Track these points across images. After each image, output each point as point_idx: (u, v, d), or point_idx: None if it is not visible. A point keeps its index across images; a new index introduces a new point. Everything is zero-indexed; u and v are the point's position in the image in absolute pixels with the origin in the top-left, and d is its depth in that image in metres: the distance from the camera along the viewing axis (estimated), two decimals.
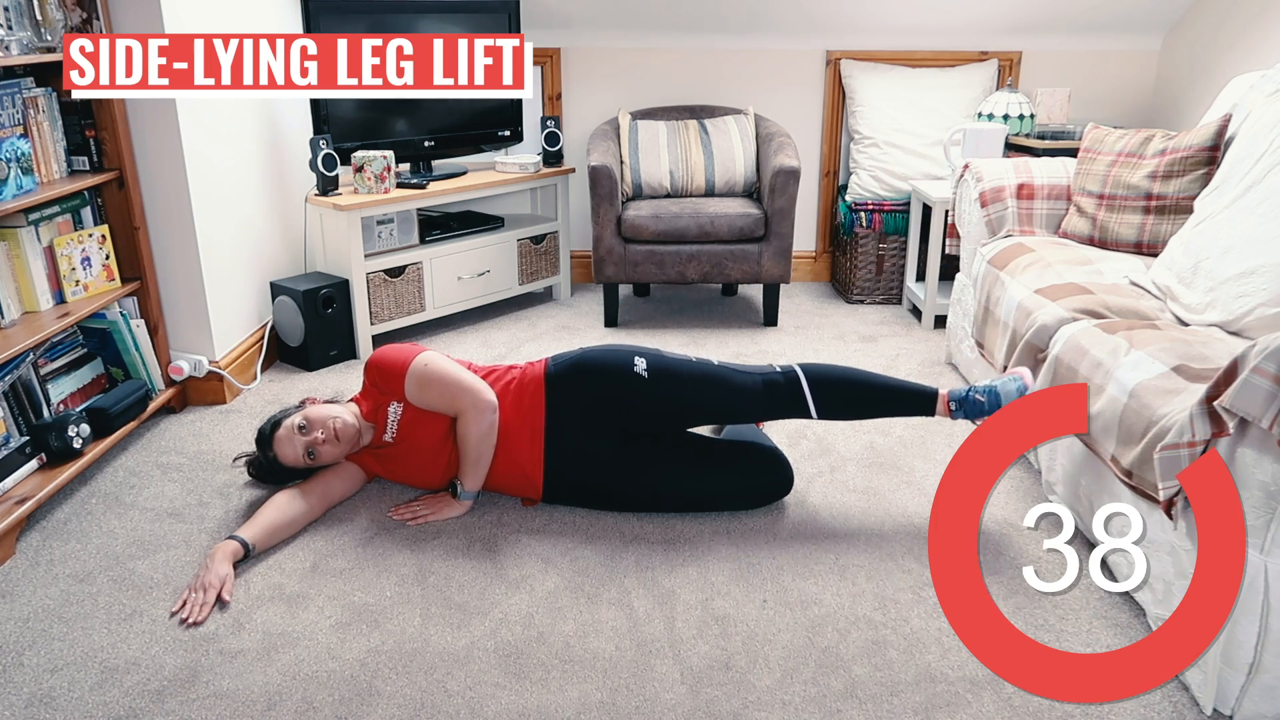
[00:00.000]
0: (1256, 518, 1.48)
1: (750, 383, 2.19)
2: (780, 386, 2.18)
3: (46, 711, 1.61)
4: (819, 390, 2.17)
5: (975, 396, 2.17)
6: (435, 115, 3.56)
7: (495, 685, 1.67)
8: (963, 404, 2.17)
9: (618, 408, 2.18)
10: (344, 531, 2.16)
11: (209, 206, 2.77)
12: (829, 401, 2.18)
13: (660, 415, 2.21)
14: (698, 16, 3.86)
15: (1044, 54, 3.99)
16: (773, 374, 2.21)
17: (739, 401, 2.19)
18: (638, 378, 2.17)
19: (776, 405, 2.19)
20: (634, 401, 2.18)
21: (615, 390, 2.18)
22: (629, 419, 2.19)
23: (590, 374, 2.20)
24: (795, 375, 2.19)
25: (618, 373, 2.18)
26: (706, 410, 2.23)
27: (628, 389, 2.17)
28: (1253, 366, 1.42)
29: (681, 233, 3.45)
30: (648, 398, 2.17)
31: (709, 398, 2.19)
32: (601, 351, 2.25)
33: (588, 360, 2.23)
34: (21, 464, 2.21)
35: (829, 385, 2.19)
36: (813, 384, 2.18)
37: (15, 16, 2.26)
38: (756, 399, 2.18)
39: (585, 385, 2.19)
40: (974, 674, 1.69)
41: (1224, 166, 2.35)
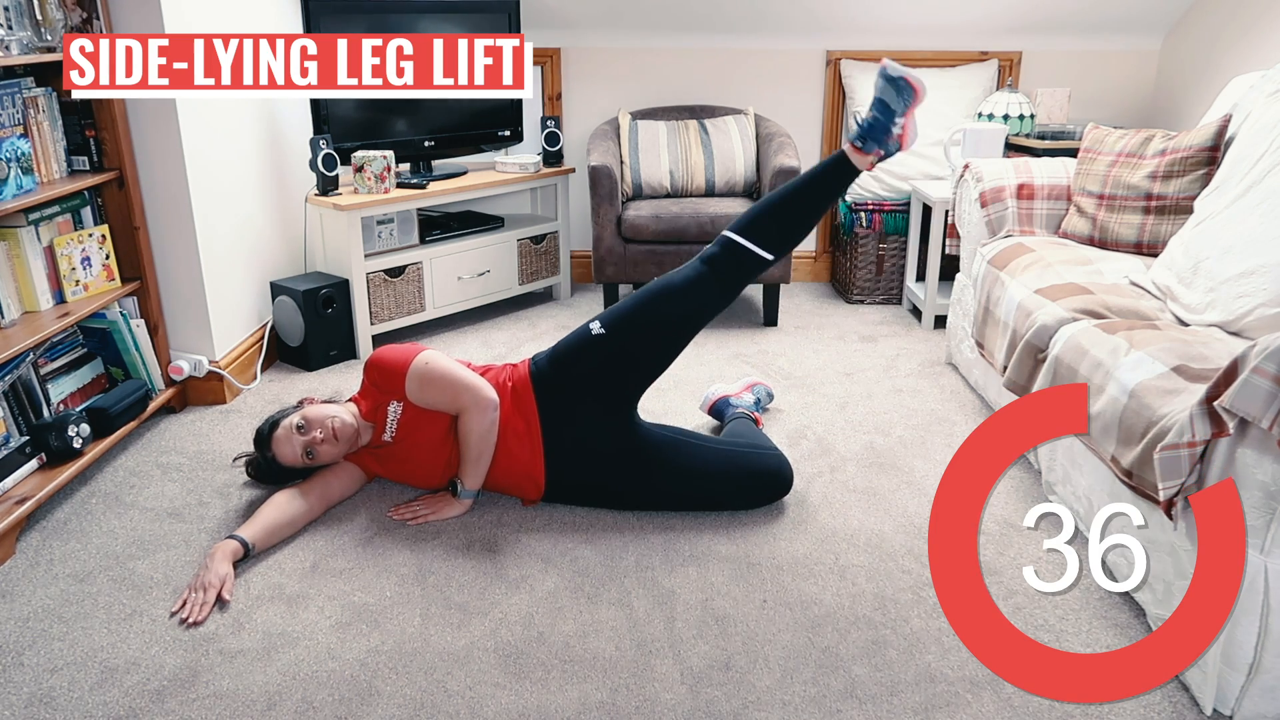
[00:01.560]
0: (1256, 518, 1.48)
1: (693, 273, 2.18)
2: (719, 256, 2.17)
3: (46, 711, 1.61)
4: (753, 232, 2.16)
5: (866, 117, 2.11)
6: (435, 115, 3.56)
7: (495, 685, 1.67)
8: (864, 135, 2.12)
9: (601, 376, 2.19)
10: (344, 531, 2.16)
11: (209, 206, 2.77)
12: (768, 235, 2.15)
13: (642, 357, 2.21)
14: (698, 16, 3.86)
15: (1044, 54, 4.00)
16: (707, 251, 2.20)
17: (694, 296, 2.17)
18: (596, 339, 2.18)
19: (728, 275, 2.17)
20: (611, 361, 2.18)
21: (586, 362, 2.19)
22: (618, 380, 2.20)
23: (563, 360, 2.22)
24: (725, 238, 2.18)
25: (580, 345, 2.20)
26: (676, 322, 2.20)
27: (595, 354, 2.18)
28: (1253, 367, 1.42)
29: (681, 233, 3.45)
30: (616, 351, 2.18)
31: (669, 311, 2.18)
32: (565, 337, 2.27)
33: (558, 349, 2.26)
34: (21, 464, 2.21)
35: (758, 222, 2.17)
36: (745, 232, 2.16)
37: (15, 16, 2.26)
38: (707, 282, 2.17)
39: (565, 372, 2.21)
40: (974, 674, 1.69)
41: (1224, 167, 2.35)
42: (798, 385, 3.00)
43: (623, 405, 2.22)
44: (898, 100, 2.09)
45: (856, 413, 2.79)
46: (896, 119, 2.11)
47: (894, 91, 2.09)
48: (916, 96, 2.10)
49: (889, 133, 2.11)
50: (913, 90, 2.09)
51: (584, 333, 2.21)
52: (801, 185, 2.19)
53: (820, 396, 2.91)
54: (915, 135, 2.16)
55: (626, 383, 2.21)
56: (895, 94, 2.09)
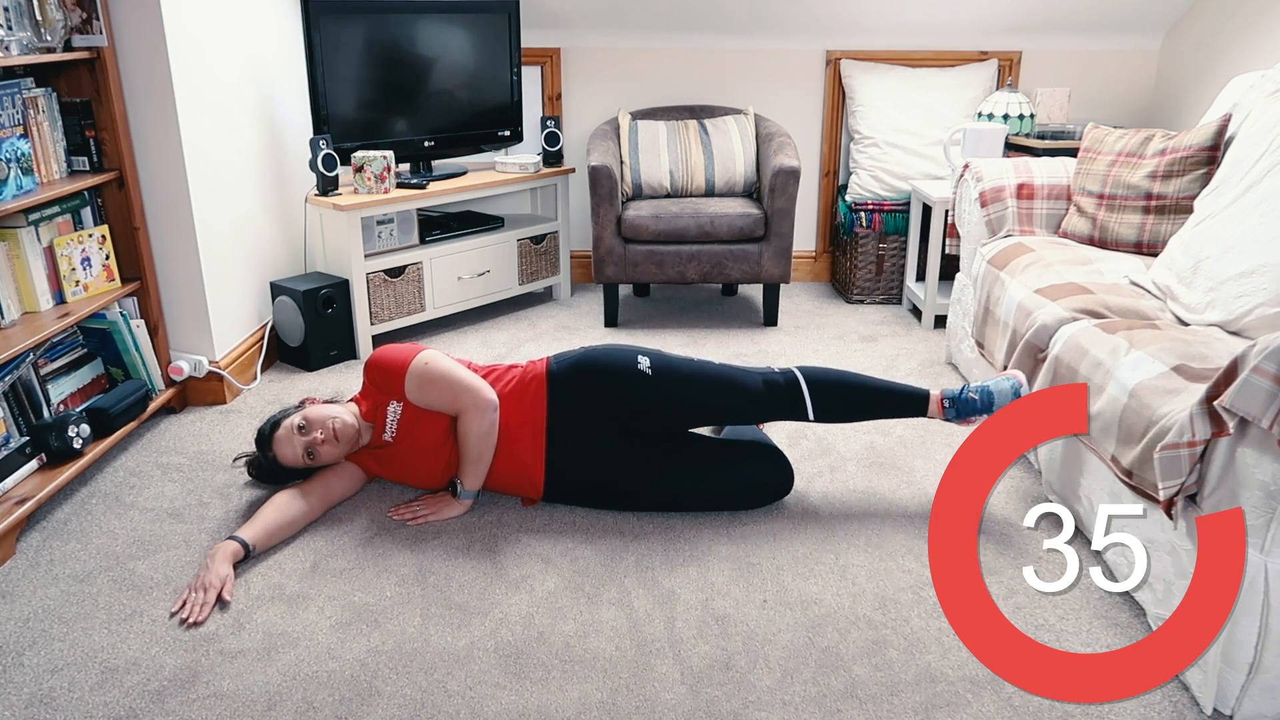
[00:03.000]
0: (1256, 518, 1.48)
1: (751, 383, 2.20)
2: (780, 388, 2.20)
3: (46, 711, 1.61)
4: (817, 393, 2.20)
5: (969, 395, 2.20)
6: (435, 115, 3.56)
7: (495, 685, 1.67)
8: (955, 403, 2.21)
9: (622, 406, 2.18)
10: (344, 531, 2.16)
11: (209, 206, 2.77)
12: (826, 404, 2.21)
13: (663, 415, 2.21)
14: (698, 16, 3.86)
15: (1044, 54, 4.00)
16: (772, 375, 2.23)
17: (740, 401, 2.20)
18: (642, 376, 2.17)
19: (776, 406, 2.21)
20: (638, 400, 2.18)
21: (620, 388, 2.18)
22: (632, 418, 2.20)
23: (595, 373, 2.21)
24: (795, 377, 2.21)
25: (622, 371, 2.19)
26: (709, 409, 2.23)
27: (632, 388, 2.17)
28: (1253, 366, 1.42)
29: (681, 233, 3.45)
30: (651, 397, 2.18)
31: (712, 397, 2.20)
32: (605, 350, 2.25)
33: (592, 359, 2.23)
34: (21, 464, 2.21)
35: (826, 388, 2.22)
36: (811, 387, 2.21)
37: (15, 16, 2.26)
38: (757, 399, 2.19)
39: (589, 384, 2.20)
40: (974, 674, 1.69)
41: (1224, 166, 2.35)
42: None
43: (631, 433, 2.21)
44: (1005, 403, 2.19)
45: None
46: (988, 415, 2.20)
47: (1009, 398, 2.19)
48: None
49: (973, 417, 2.21)
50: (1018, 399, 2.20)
51: (628, 360, 2.20)
52: (880, 390, 2.26)
53: None
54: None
55: (639, 421, 2.21)
56: (1009, 399, 2.19)
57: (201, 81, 2.71)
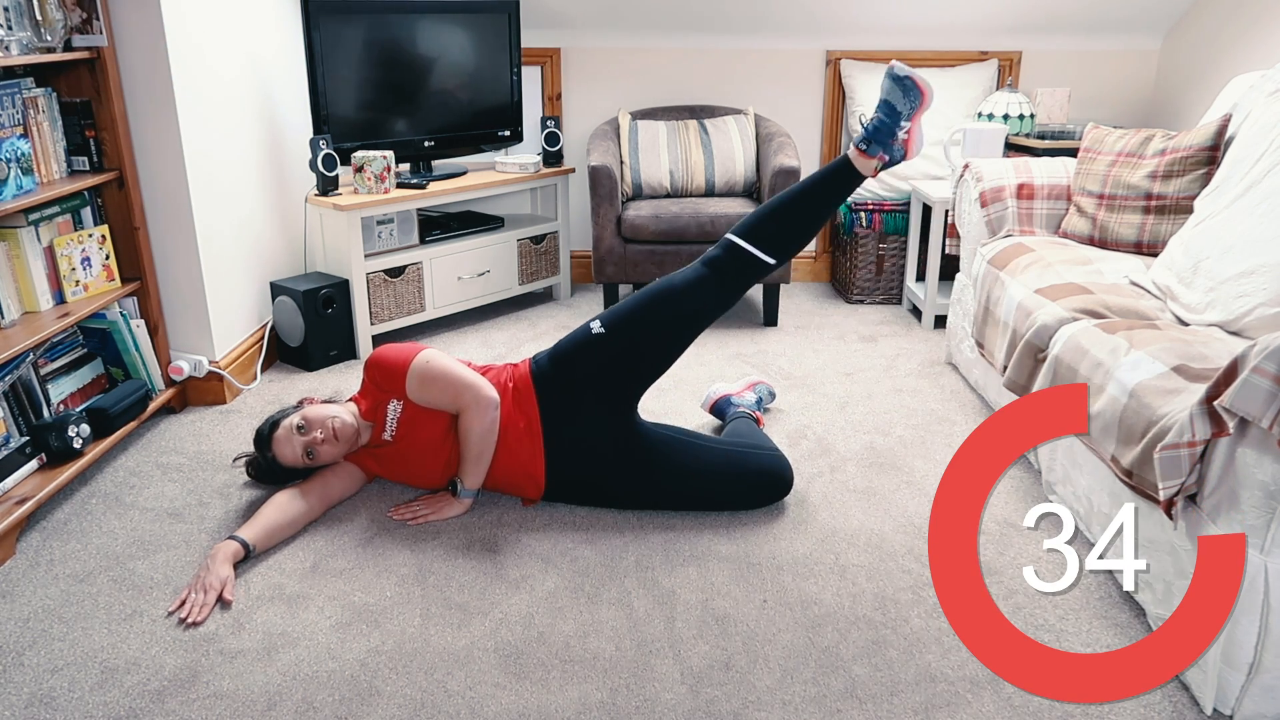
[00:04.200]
0: (1256, 518, 1.48)
1: (695, 274, 2.17)
2: (721, 259, 2.16)
3: (46, 711, 1.61)
4: (756, 236, 2.14)
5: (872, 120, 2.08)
6: (435, 115, 3.56)
7: (495, 685, 1.67)
8: (869, 138, 2.09)
9: (602, 376, 2.19)
10: (344, 531, 2.16)
11: (209, 206, 2.77)
12: (771, 240, 2.14)
13: (642, 357, 2.21)
14: (698, 16, 3.86)
15: (1044, 54, 4.00)
16: (709, 254, 2.19)
17: (697, 297, 2.16)
18: (596, 339, 2.18)
19: (730, 278, 2.17)
20: (610, 361, 2.18)
21: (589, 361, 2.19)
22: (619, 381, 2.20)
23: (564, 359, 2.23)
24: (728, 240, 2.17)
25: (581, 344, 2.20)
26: (675, 324, 2.19)
27: (595, 353, 2.18)
28: (1253, 366, 1.42)
29: (681, 233, 3.45)
30: (619, 350, 2.18)
31: (670, 312, 2.17)
32: (567, 336, 2.27)
33: (559, 348, 2.26)
34: (21, 464, 2.21)
35: (760, 226, 2.15)
36: (747, 235, 2.15)
37: (15, 16, 2.26)
38: (709, 285, 2.16)
39: (565, 371, 2.21)
40: (974, 674, 1.69)
41: (1224, 166, 2.35)
42: (798, 385, 3.00)
43: (623, 405, 2.22)
44: (904, 102, 2.06)
45: (856, 413, 2.79)
46: (902, 122, 2.08)
47: (900, 93, 2.06)
48: (924, 99, 2.07)
49: (894, 136, 2.08)
50: (920, 93, 2.06)
51: (584, 332, 2.21)
52: (804, 189, 2.18)
53: (820, 396, 2.91)
54: (921, 144, 2.12)
55: (626, 382, 2.22)
56: (902, 95, 2.06)
57: (201, 81, 2.71)
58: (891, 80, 2.07)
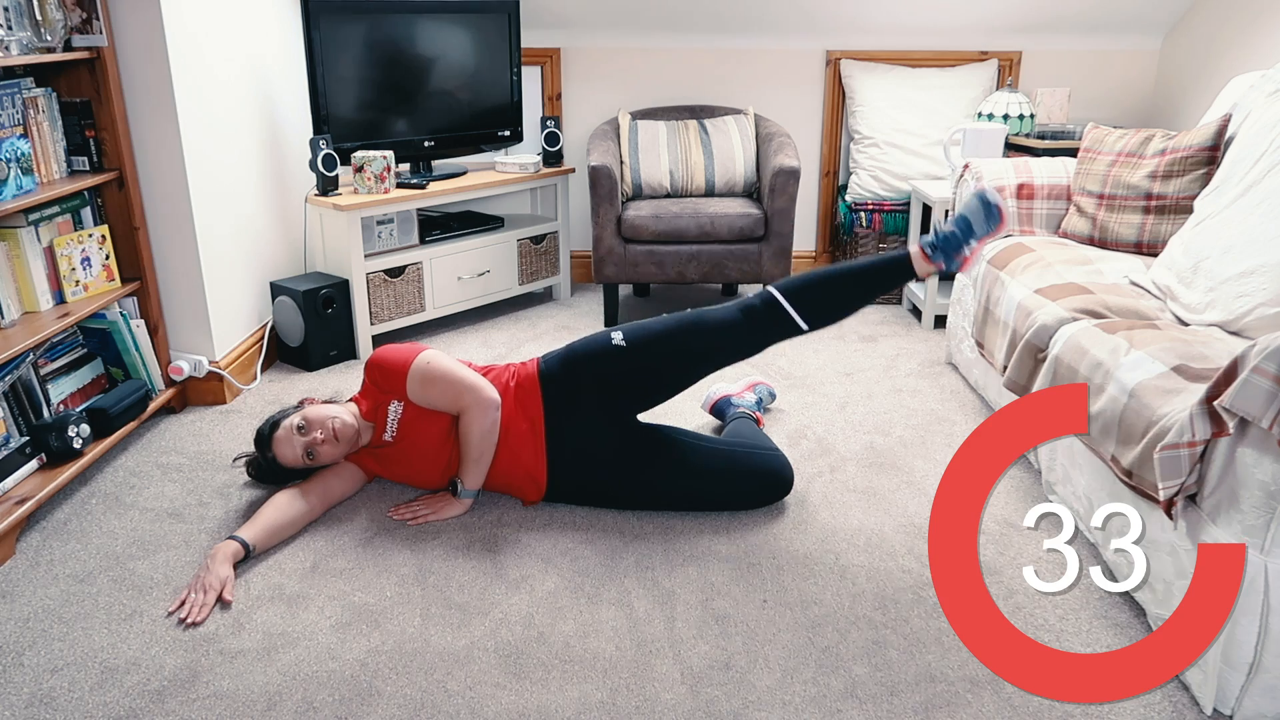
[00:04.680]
0: (1256, 518, 1.48)
1: (728, 316, 2.16)
2: (758, 310, 2.15)
3: (46, 711, 1.61)
4: (798, 299, 2.12)
5: (946, 231, 2.10)
6: (435, 115, 3.56)
7: (495, 685, 1.67)
8: (937, 245, 2.10)
9: (611, 388, 2.18)
10: (344, 531, 2.16)
11: (209, 206, 2.77)
12: (812, 307, 2.13)
13: (653, 380, 2.21)
14: (698, 16, 3.86)
15: (1044, 54, 4.00)
16: (747, 301, 2.18)
17: (723, 338, 2.16)
18: (617, 350, 2.17)
19: (760, 330, 2.16)
20: (623, 375, 2.18)
21: (602, 371, 2.18)
22: (627, 394, 2.20)
23: (577, 363, 2.22)
24: (770, 295, 2.15)
25: (599, 352, 2.19)
26: (694, 359, 2.20)
27: (613, 365, 2.18)
28: (1253, 366, 1.42)
29: (681, 233, 3.45)
30: (634, 367, 2.17)
31: (693, 345, 2.17)
32: (583, 340, 2.26)
33: (572, 351, 2.25)
34: (21, 464, 2.21)
35: (807, 291, 2.14)
36: (789, 295, 2.13)
37: (15, 16, 2.26)
38: (738, 330, 2.15)
39: (575, 375, 2.20)
40: (974, 674, 1.69)
41: (1224, 166, 2.35)
42: (798, 385, 3.00)
43: (626, 415, 2.22)
44: (983, 224, 2.10)
45: (856, 413, 2.79)
46: (973, 241, 2.11)
47: (983, 215, 2.10)
48: (1001, 226, 2.12)
49: (960, 250, 2.10)
50: (1000, 220, 2.10)
51: (604, 340, 2.20)
52: (857, 270, 2.19)
53: (820, 396, 2.91)
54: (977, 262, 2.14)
55: (634, 398, 2.22)
56: (984, 218, 2.10)
57: (201, 81, 2.71)
58: (979, 201, 2.11)
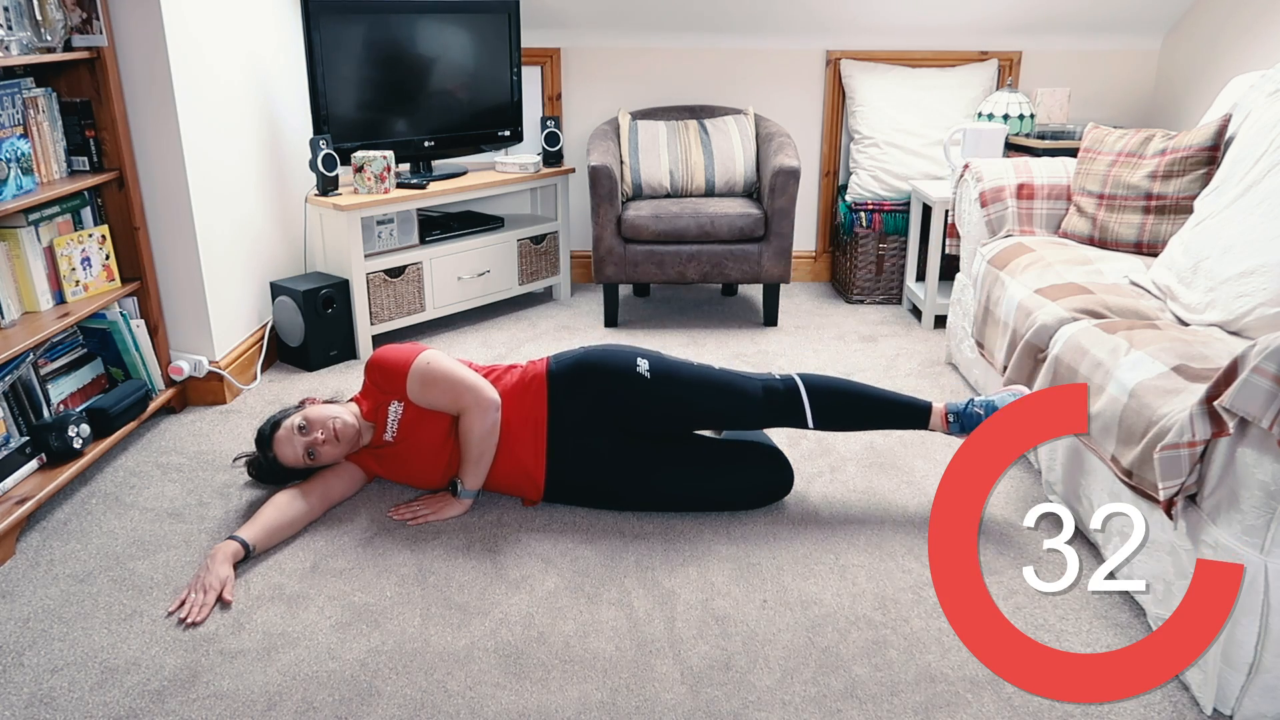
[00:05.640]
0: (1256, 518, 1.48)
1: (750, 389, 2.20)
2: (779, 394, 2.19)
3: (47, 711, 1.61)
4: (816, 401, 2.19)
5: (974, 410, 2.18)
6: (435, 115, 3.56)
7: (495, 685, 1.67)
8: (960, 417, 2.19)
9: (620, 407, 2.18)
10: (344, 531, 2.16)
11: (209, 206, 2.77)
12: (826, 412, 2.20)
13: (661, 417, 2.21)
14: (698, 16, 3.86)
15: (1044, 54, 4.00)
16: (772, 381, 2.22)
17: (739, 407, 2.19)
18: (640, 378, 2.17)
19: (775, 413, 2.20)
20: (636, 402, 2.18)
21: (618, 390, 2.18)
22: (630, 419, 2.20)
23: (593, 373, 2.21)
24: (794, 385, 2.21)
25: (620, 373, 2.19)
26: (707, 414, 2.23)
27: (630, 389, 2.17)
28: (1253, 366, 1.42)
29: (681, 233, 3.45)
30: (650, 399, 2.17)
31: (710, 402, 2.20)
32: (603, 351, 2.25)
33: (590, 359, 2.23)
34: (21, 464, 2.21)
35: (826, 396, 2.21)
36: (811, 394, 2.20)
37: (15, 16, 2.26)
38: (756, 405, 2.19)
39: (588, 384, 2.20)
40: (974, 674, 1.69)
41: (1224, 166, 2.35)
42: None
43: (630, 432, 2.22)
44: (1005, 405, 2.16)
45: None
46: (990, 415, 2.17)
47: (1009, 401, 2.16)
48: None
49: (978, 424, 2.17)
50: None
51: (628, 362, 2.20)
52: (881, 398, 2.24)
53: None
54: None
55: (639, 423, 2.21)
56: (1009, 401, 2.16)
57: (201, 81, 2.71)
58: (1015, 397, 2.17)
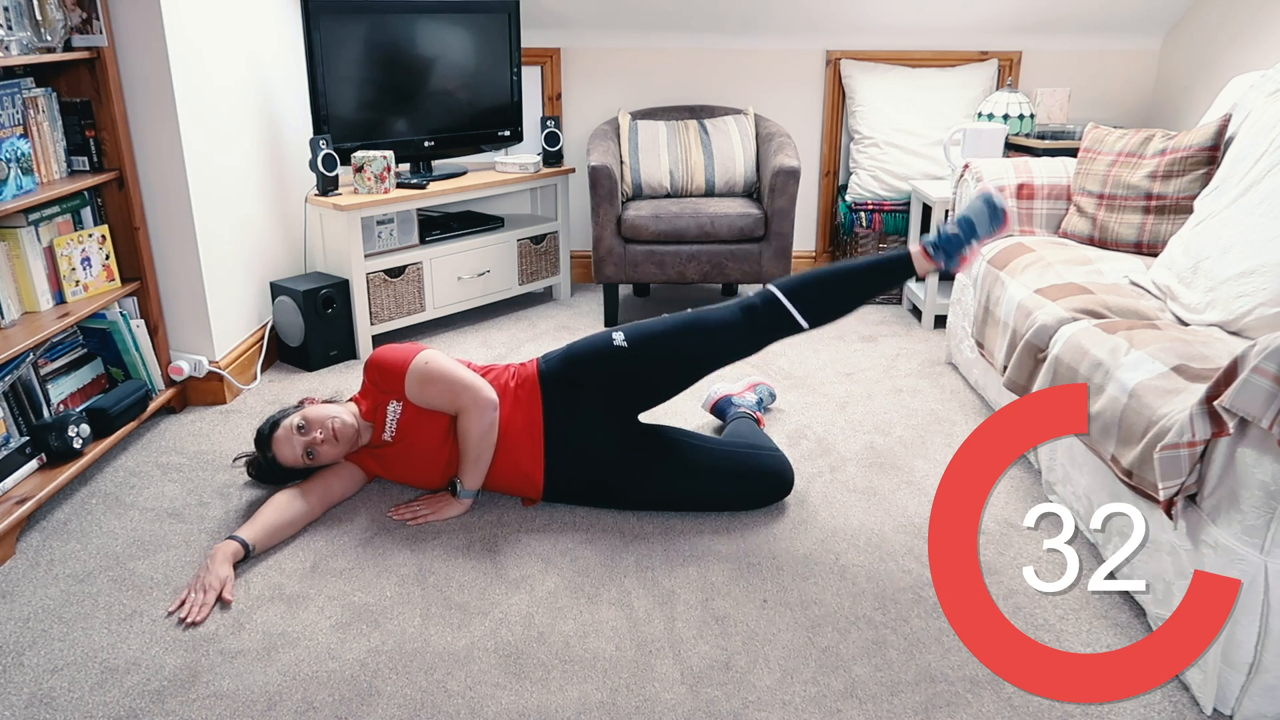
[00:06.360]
0: (1256, 518, 1.48)
1: (729, 316, 2.17)
2: (759, 309, 2.15)
3: (46, 711, 1.61)
4: (799, 298, 2.13)
5: (949, 231, 2.12)
6: (435, 115, 3.56)
7: (495, 685, 1.67)
8: (939, 245, 2.12)
9: (612, 388, 2.19)
10: (344, 531, 2.16)
11: (209, 206, 2.77)
12: (812, 306, 2.14)
13: (656, 379, 2.21)
14: (698, 16, 3.86)
15: (1044, 54, 4.00)
16: (747, 300, 2.18)
17: (725, 338, 2.16)
18: (619, 350, 2.17)
19: (761, 329, 2.16)
20: (625, 375, 2.18)
21: (603, 371, 2.18)
22: (627, 395, 2.20)
23: (578, 364, 2.22)
24: (770, 294, 2.16)
25: (600, 354, 2.19)
26: (698, 358, 2.20)
27: (615, 365, 2.18)
28: (1253, 366, 1.42)
29: (681, 233, 3.45)
30: (637, 365, 2.17)
31: (695, 344, 2.17)
32: (584, 340, 2.26)
33: (573, 352, 2.25)
34: (21, 464, 2.21)
35: (807, 289, 2.15)
36: (791, 295, 2.14)
37: (15, 16, 2.26)
38: (740, 330, 2.16)
39: (575, 376, 2.21)
40: (974, 674, 1.69)
41: (1224, 166, 2.35)
42: (798, 385, 3.00)
43: (625, 416, 2.22)
44: (987, 226, 2.13)
45: (856, 413, 2.79)
46: (975, 241, 2.14)
47: (987, 217, 2.13)
48: (1005, 226, 2.14)
49: (961, 250, 2.13)
50: (1003, 221, 2.13)
51: (605, 340, 2.20)
52: (858, 268, 2.20)
53: (820, 396, 2.91)
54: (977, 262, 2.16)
55: (634, 399, 2.22)
56: (988, 219, 2.13)
57: (201, 81, 2.71)
58: (984, 203, 2.13)
